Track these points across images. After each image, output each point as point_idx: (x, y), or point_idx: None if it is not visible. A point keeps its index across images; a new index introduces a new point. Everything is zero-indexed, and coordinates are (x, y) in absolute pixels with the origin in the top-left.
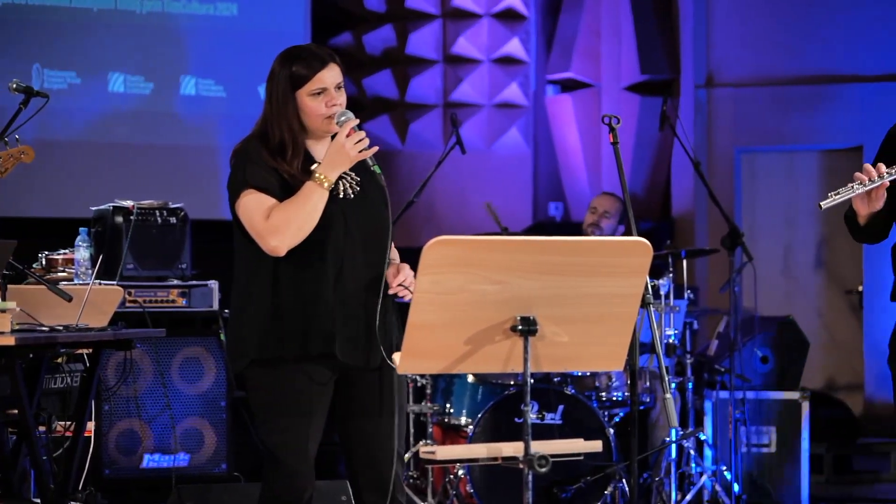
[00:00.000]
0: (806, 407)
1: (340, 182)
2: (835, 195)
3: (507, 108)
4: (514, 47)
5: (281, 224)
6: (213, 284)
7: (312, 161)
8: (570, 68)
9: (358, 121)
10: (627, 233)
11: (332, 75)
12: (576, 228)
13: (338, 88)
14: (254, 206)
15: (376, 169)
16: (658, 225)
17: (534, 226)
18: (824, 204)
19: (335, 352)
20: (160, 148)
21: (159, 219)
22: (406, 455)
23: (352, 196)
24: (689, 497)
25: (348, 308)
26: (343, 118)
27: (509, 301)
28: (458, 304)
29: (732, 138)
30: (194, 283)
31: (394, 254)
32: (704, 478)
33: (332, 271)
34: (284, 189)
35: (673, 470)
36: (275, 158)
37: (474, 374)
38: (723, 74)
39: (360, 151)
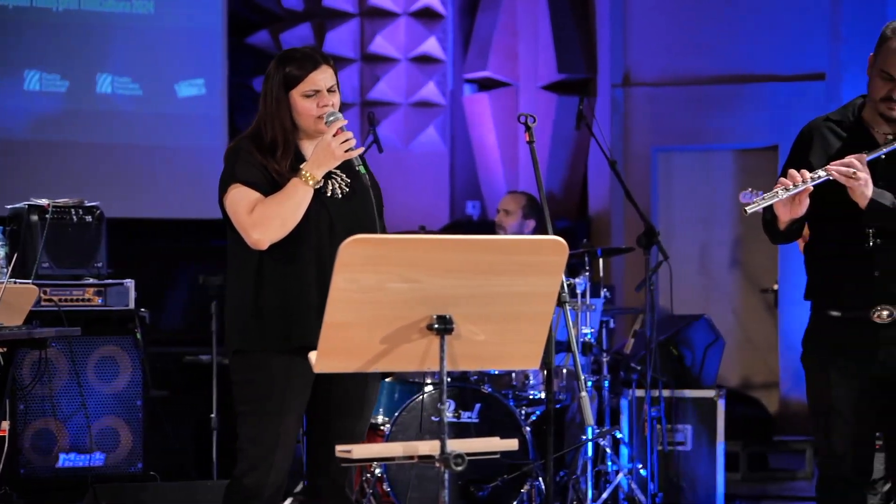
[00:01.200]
0: (721, 405)
1: (330, 182)
2: (760, 200)
3: (424, 107)
4: (431, 46)
5: (264, 218)
6: (129, 283)
7: (303, 160)
8: (488, 67)
9: (346, 121)
10: (541, 230)
11: (324, 77)
12: (492, 227)
13: (330, 91)
14: (239, 200)
15: (361, 169)
16: (575, 224)
17: (451, 224)
18: (749, 208)
19: (315, 345)
20: (76, 146)
21: (75, 217)
22: None
23: (340, 196)
24: (605, 495)
25: (318, 304)
26: (331, 118)
27: (425, 300)
28: (374, 303)
29: (649, 137)
30: (110, 281)
31: None
32: (620, 476)
33: (314, 268)
34: (273, 186)
35: (589, 468)
36: (265, 156)
37: (391, 373)
38: (639, 74)
39: (347, 151)
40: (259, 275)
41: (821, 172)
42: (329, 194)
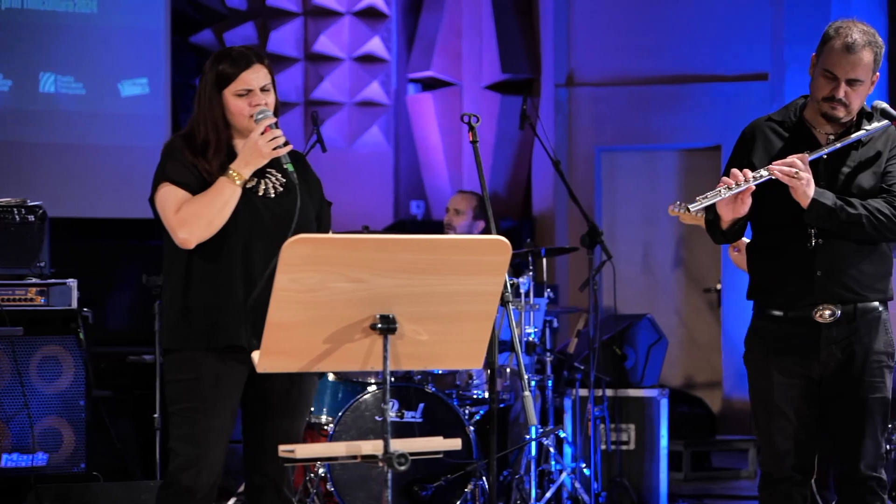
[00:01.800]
0: (664, 404)
1: (263, 181)
2: (703, 199)
3: (368, 107)
4: (375, 46)
5: (190, 217)
6: (72, 283)
7: (235, 158)
8: (432, 67)
9: (275, 119)
10: (487, 231)
11: (257, 76)
12: (437, 227)
13: (264, 90)
14: (167, 199)
15: (289, 167)
16: (519, 223)
17: (395, 224)
18: (693, 207)
19: (243, 344)
20: (19, 145)
21: (17, 216)
22: None
23: (272, 195)
24: (548, 494)
25: (259, 303)
26: (260, 116)
27: (368, 299)
28: (317, 303)
29: (592, 137)
30: (53, 281)
31: None
32: (564, 475)
33: (242, 267)
34: (203, 185)
35: (533, 467)
36: (196, 156)
37: (335, 373)
38: (583, 74)
39: (274, 149)
40: (188, 274)
41: (763, 172)
42: (261, 193)
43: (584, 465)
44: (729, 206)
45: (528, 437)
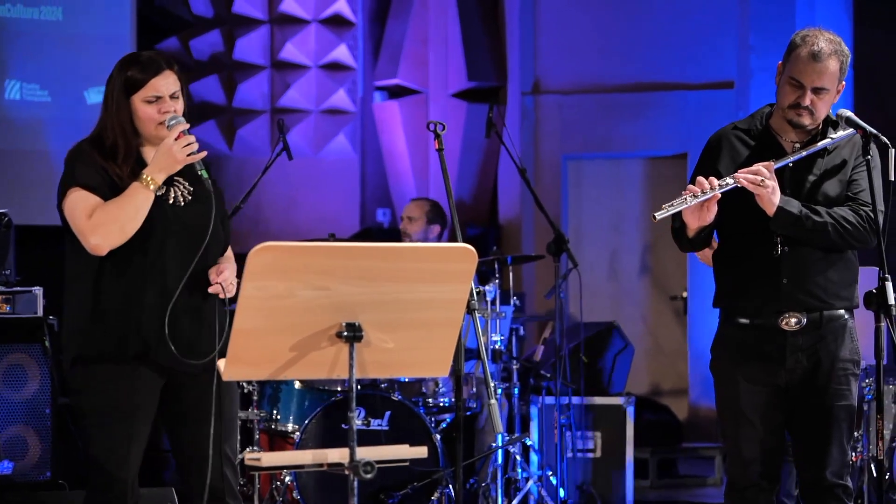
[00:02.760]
0: (630, 412)
1: (172, 189)
2: (668, 206)
3: (334, 115)
4: (341, 53)
5: (102, 222)
6: (38, 290)
7: (144, 166)
8: (398, 75)
9: (188, 125)
10: (451, 237)
11: (167, 83)
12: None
13: (173, 97)
14: (78, 204)
15: (203, 173)
16: (485, 231)
17: (361, 232)
18: (658, 215)
19: (152, 352)
20: None
21: None
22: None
23: (182, 203)
24: (515, 502)
25: (171, 310)
26: (173, 122)
27: (334, 307)
28: (283, 310)
29: (559, 145)
30: (18, 289)
31: (231, 264)
32: (530, 483)
33: (154, 274)
34: (113, 190)
35: (499, 475)
36: (106, 160)
37: (301, 381)
38: (549, 82)
39: (189, 155)
40: (97, 280)
41: (729, 180)
42: (171, 201)
43: (550, 473)
44: (695, 213)
45: (494, 444)
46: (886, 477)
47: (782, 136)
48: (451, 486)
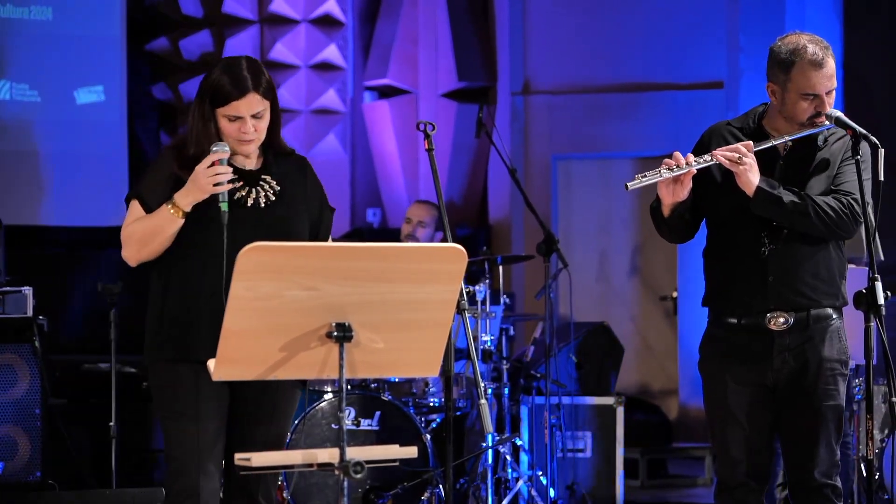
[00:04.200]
0: (621, 412)
1: (255, 189)
2: (641, 177)
3: (324, 115)
4: (331, 53)
5: (127, 237)
6: (28, 290)
7: (239, 172)
8: (388, 75)
9: (226, 155)
10: (444, 240)
11: (249, 105)
12: (393, 234)
13: (256, 117)
14: (129, 215)
15: (223, 206)
16: (475, 231)
17: (351, 232)
18: (631, 185)
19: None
20: None
21: None
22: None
23: (263, 205)
24: (505, 502)
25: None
26: (215, 148)
27: (324, 307)
28: (272, 311)
29: (548, 145)
30: (8, 289)
31: None
32: (521, 483)
33: (218, 280)
34: None
35: (489, 475)
36: (182, 168)
37: (300, 382)
38: (539, 82)
39: (216, 185)
40: (167, 285)
41: (706, 157)
42: (250, 203)
43: (540, 473)
44: (669, 188)
45: (484, 444)
46: (876, 477)
47: (775, 136)
48: (441, 486)
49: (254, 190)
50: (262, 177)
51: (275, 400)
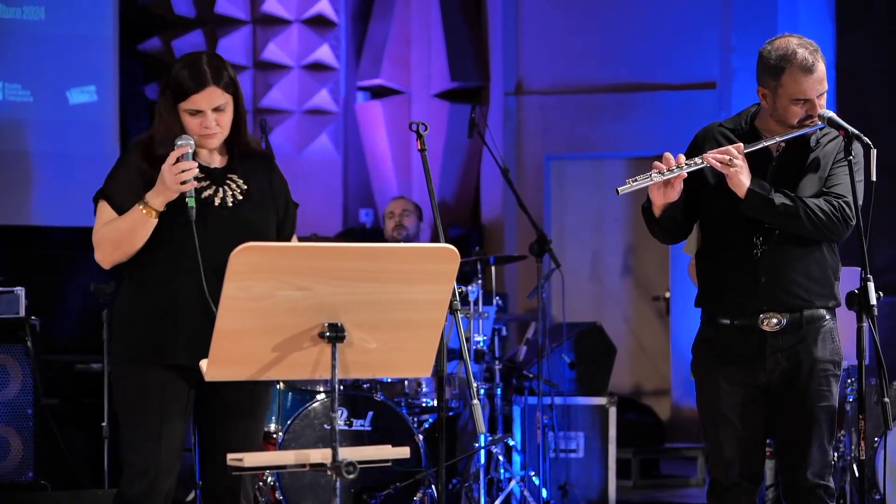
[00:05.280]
0: (613, 412)
1: (222, 189)
2: (632, 181)
3: (317, 115)
4: (324, 54)
5: (99, 240)
6: (20, 291)
7: (203, 168)
8: (380, 75)
9: (189, 149)
10: (434, 238)
11: (209, 99)
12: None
13: (217, 110)
14: (99, 217)
15: (190, 202)
16: (468, 231)
17: (344, 232)
18: (622, 189)
19: (184, 361)
20: None
21: None
22: None
23: (230, 204)
24: (497, 502)
25: (203, 315)
26: (179, 142)
27: (316, 307)
28: (265, 311)
29: (541, 145)
30: (0, 289)
31: None
32: (513, 483)
33: (192, 281)
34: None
35: (482, 475)
36: (151, 165)
37: (283, 381)
38: (532, 82)
39: (183, 183)
40: (140, 285)
41: (697, 160)
42: (218, 203)
43: (532, 473)
44: (660, 190)
45: (476, 445)
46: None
47: (767, 137)
48: (433, 486)
49: (221, 189)
50: (229, 175)
51: (251, 398)
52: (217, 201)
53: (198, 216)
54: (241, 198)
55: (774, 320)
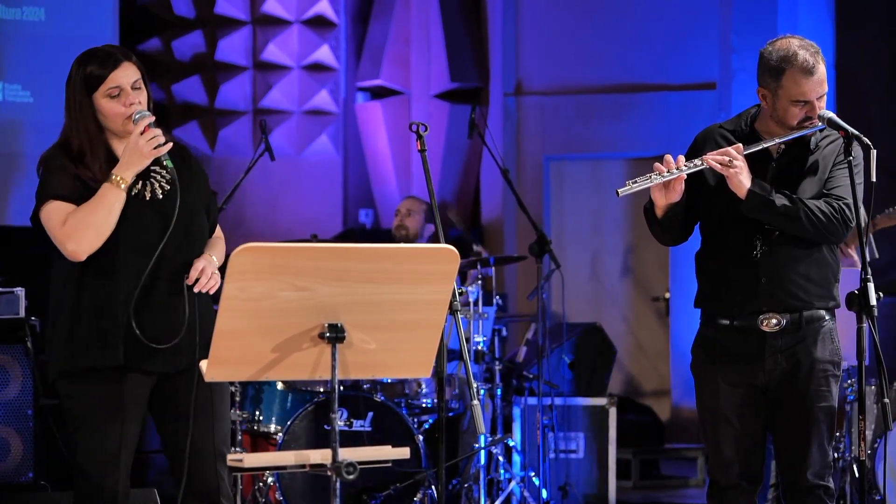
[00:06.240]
0: (613, 413)
1: (148, 182)
2: (632, 183)
3: (316, 115)
4: (324, 54)
5: (76, 228)
6: (20, 291)
7: (116, 161)
8: (380, 76)
9: (153, 118)
10: (434, 238)
11: (126, 74)
12: (386, 235)
13: (135, 87)
14: (52, 216)
15: (168, 163)
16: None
17: (344, 233)
18: (622, 191)
19: (130, 361)
20: None
21: None
22: None
23: (160, 196)
24: (497, 503)
25: (152, 311)
26: (138, 116)
27: (316, 308)
28: (265, 311)
29: (541, 146)
30: (0, 290)
31: (217, 250)
32: (513, 484)
33: (131, 276)
34: (88, 193)
35: (482, 476)
36: (76, 164)
37: (283, 382)
38: (531, 83)
39: (155, 148)
40: (80, 287)
41: (697, 161)
42: (148, 196)
43: (532, 474)
44: (661, 191)
45: (476, 445)
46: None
47: (767, 138)
48: (433, 486)
49: (147, 182)
50: (151, 168)
51: (210, 395)
52: (147, 195)
53: (131, 211)
54: (168, 188)
55: (774, 321)
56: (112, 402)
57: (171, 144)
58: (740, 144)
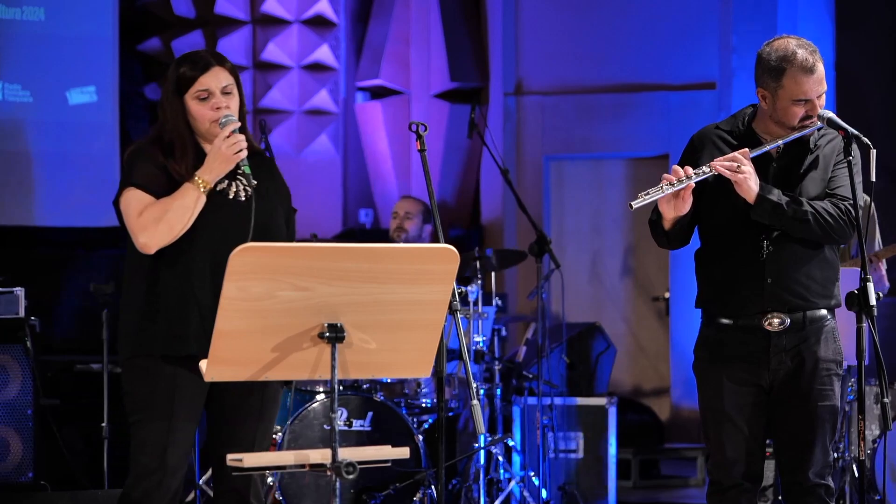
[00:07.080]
0: (613, 412)
1: (235, 183)
2: (645, 195)
3: (316, 115)
4: (323, 54)
5: (150, 221)
6: (20, 291)
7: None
8: (380, 75)
9: (238, 124)
10: (434, 238)
11: (216, 79)
12: (386, 235)
13: (225, 93)
14: (130, 203)
15: (246, 169)
16: (467, 232)
17: (343, 232)
18: (635, 204)
19: (199, 353)
20: None
21: None
22: None
23: (243, 198)
24: (497, 502)
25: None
26: (224, 120)
27: (316, 308)
28: (264, 311)
29: (541, 146)
30: (0, 289)
31: None
32: (513, 483)
33: (206, 273)
34: (172, 187)
35: (481, 476)
36: (166, 157)
37: (283, 382)
38: (531, 83)
39: (236, 153)
40: (151, 279)
41: (705, 168)
42: (231, 196)
43: (532, 474)
44: (670, 203)
45: (476, 445)
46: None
47: (766, 138)
48: (433, 486)
49: (233, 183)
50: (237, 171)
51: (261, 398)
52: (231, 195)
53: (213, 207)
54: (251, 193)
55: (777, 320)
56: (167, 398)
57: (245, 152)
58: (747, 149)
